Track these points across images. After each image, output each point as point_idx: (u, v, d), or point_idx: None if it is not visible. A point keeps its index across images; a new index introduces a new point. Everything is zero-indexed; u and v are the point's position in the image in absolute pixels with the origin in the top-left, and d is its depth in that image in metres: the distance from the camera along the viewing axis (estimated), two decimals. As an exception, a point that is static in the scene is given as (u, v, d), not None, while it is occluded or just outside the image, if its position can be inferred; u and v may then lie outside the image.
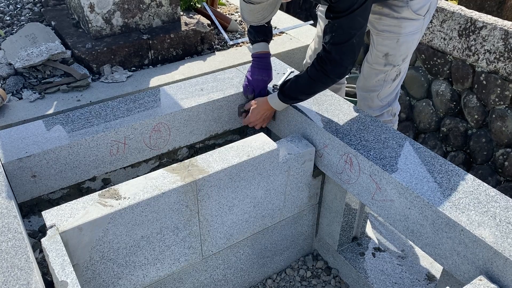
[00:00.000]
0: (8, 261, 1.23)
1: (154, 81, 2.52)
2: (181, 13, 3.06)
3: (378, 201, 1.62)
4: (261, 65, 1.99)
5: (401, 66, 2.01)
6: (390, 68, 2.00)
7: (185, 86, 2.12)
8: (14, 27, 3.00)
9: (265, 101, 1.93)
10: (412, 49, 1.97)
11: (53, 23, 2.94)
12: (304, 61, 2.41)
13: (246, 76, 2.03)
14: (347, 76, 2.11)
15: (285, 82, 1.82)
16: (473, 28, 2.74)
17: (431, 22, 2.97)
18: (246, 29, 2.10)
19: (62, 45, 2.55)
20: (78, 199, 1.47)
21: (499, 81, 2.68)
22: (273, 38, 3.06)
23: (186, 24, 2.87)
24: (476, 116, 2.87)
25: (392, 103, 2.17)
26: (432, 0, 1.87)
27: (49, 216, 1.40)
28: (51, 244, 1.31)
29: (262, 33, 1.98)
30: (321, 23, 2.20)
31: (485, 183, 1.50)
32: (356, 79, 2.12)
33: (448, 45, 2.91)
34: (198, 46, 2.86)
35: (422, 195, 1.45)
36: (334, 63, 1.63)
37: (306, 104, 1.94)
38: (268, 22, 2.00)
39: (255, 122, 1.99)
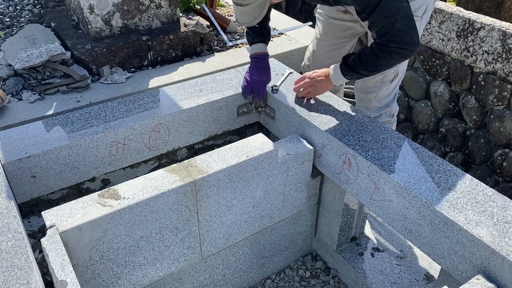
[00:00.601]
0: (8, 261, 1.23)
1: (154, 82, 2.52)
2: (180, 14, 3.07)
3: (376, 201, 1.63)
4: (259, 65, 2.00)
5: (398, 68, 2.02)
6: (387, 70, 2.00)
7: (184, 87, 2.12)
8: (14, 28, 3.01)
9: (326, 71, 1.85)
10: None
11: (52, 24, 2.95)
12: (303, 63, 2.42)
13: (244, 77, 2.03)
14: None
15: (350, 54, 1.78)
16: (471, 29, 2.75)
17: (429, 23, 2.97)
18: (245, 31, 2.11)
19: (61, 46, 2.56)
20: (77, 199, 1.47)
21: (497, 81, 2.69)
22: (272, 39, 3.07)
23: (185, 25, 2.88)
24: (474, 117, 2.88)
25: (390, 104, 2.17)
26: (429, 1, 1.87)
27: (49, 216, 1.41)
28: (51, 244, 1.31)
29: (260, 34, 1.98)
30: (319, 25, 2.20)
31: (482, 183, 1.51)
32: (354, 80, 2.12)
33: (446, 46, 2.92)
34: (197, 47, 2.87)
35: (420, 195, 1.45)
36: (396, 48, 1.60)
37: (305, 105, 1.95)
38: (266, 24, 2.00)
39: (313, 93, 1.92)
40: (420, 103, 3.24)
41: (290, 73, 2.24)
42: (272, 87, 2.08)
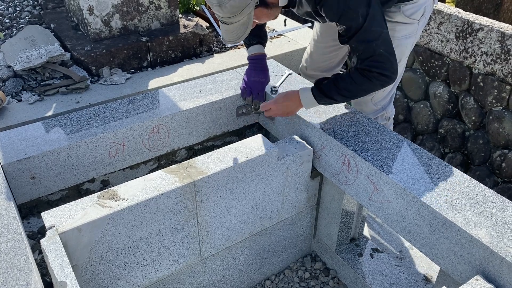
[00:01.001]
0: (8, 262, 1.23)
1: (153, 83, 2.53)
2: (180, 15, 3.07)
3: (375, 202, 1.63)
4: (257, 66, 2.00)
5: None
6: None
7: (183, 88, 2.12)
8: (13, 29, 3.01)
9: (295, 94, 1.81)
10: (406, 53, 1.96)
11: (52, 25, 2.95)
12: (301, 65, 2.42)
13: (243, 78, 2.03)
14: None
15: (323, 78, 1.76)
16: (470, 30, 2.75)
17: (428, 24, 2.98)
18: None
19: (61, 48, 2.56)
20: (77, 200, 1.47)
21: (496, 82, 2.69)
22: (271, 40, 3.07)
23: (184, 26, 2.88)
24: (473, 118, 2.88)
25: (386, 107, 2.17)
26: (427, 4, 1.87)
27: (48, 217, 1.41)
28: (50, 245, 1.31)
29: (257, 36, 1.98)
30: (317, 26, 2.20)
31: (481, 184, 1.51)
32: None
33: (445, 47, 2.93)
34: (196, 49, 2.87)
35: (419, 195, 1.46)
36: (377, 74, 1.60)
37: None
38: (263, 26, 2.00)
39: (276, 113, 1.88)
40: (419, 104, 3.24)
41: (290, 74, 2.24)
42: (271, 88, 2.09)
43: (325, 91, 1.71)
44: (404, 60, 2.00)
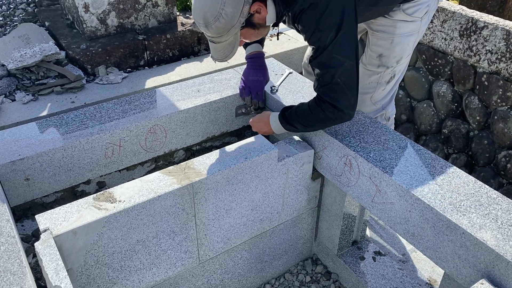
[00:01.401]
0: (1, 265, 1.23)
1: (150, 82, 2.52)
2: (178, 13, 3.07)
3: (378, 203, 1.63)
4: (255, 65, 2.00)
5: (395, 68, 2.01)
6: (383, 70, 1.99)
7: (181, 87, 2.12)
8: (7, 27, 3.01)
9: (267, 117, 1.86)
10: (407, 51, 1.96)
11: (47, 23, 2.94)
12: (303, 62, 2.42)
13: (241, 78, 2.03)
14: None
15: (289, 106, 1.78)
16: (474, 28, 2.75)
17: (431, 22, 2.98)
18: None
19: (56, 46, 2.56)
20: (72, 203, 1.47)
21: (501, 82, 2.69)
22: (270, 38, 3.07)
23: (182, 24, 2.88)
24: (478, 118, 2.88)
25: (386, 106, 2.16)
26: (431, 1, 1.86)
27: (43, 220, 1.40)
28: (45, 248, 1.31)
29: None
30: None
31: (486, 185, 1.51)
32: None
33: (449, 45, 2.93)
34: (194, 47, 2.87)
35: (422, 197, 1.45)
36: (329, 104, 1.60)
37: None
38: None
39: (257, 130, 1.94)
40: (422, 103, 3.24)
41: (290, 73, 2.24)
42: (271, 88, 2.08)
43: (287, 118, 1.75)
44: (406, 59, 2.00)
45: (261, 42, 2.01)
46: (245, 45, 2.02)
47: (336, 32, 1.51)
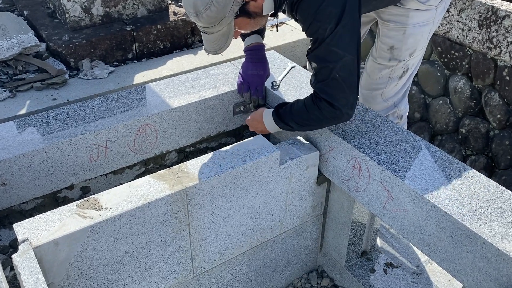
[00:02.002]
0: (-25, 280, 1.22)
1: (139, 78, 2.52)
2: (169, 1, 3.07)
3: (390, 211, 1.63)
4: (254, 58, 1.99)
5: (408, 62, 2.01)
6: (395, 64, 1.99)
7: (173, 83, 2.12)
8: (-19, 17, 3.00)
9: (260, 115, 1.87)
10: (421, 42, 1.96)
11: (25, 12, 2.94)
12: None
13: (239, 72, 2.03)
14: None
15: (284, 103, 1.80)
16: (494, 18, 2.75)
17: (448, 11, 2.98)
18: None
19: (35, 38, 2.55)
20: (53, 210, 1.46)
21: (524, 76, 2.69)
22: (271, 29, 3.07)
23: (174, 13, 2.88)
24: (498, 116, 2.88)
25: (399, 103, 2.16)
26: None
27: (21, 229, 1.40)
28: (24, 260, 1.30)
29: None
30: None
31: (509, 191, 1.51)
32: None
33: (467, 36, 2.92)
34: (188, 38, 2.87)
35: (439, 204, 1.45)
36: (326, 102, 1.60)
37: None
38: None
39: (251, 129, 1.96)
40: (438, 100, 3.24)
41: (293, 67, 2.24)
42: (272, 83, 2.08)
43: (282, 115, 1.76)
44: (419, 51, 2.00)
45: (261, 33, 2.01)
46: (244, 37, 2.01)
47: (335, 23, 1.50)
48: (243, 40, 2.03)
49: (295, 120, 1.72)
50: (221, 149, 1.75)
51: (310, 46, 1.61)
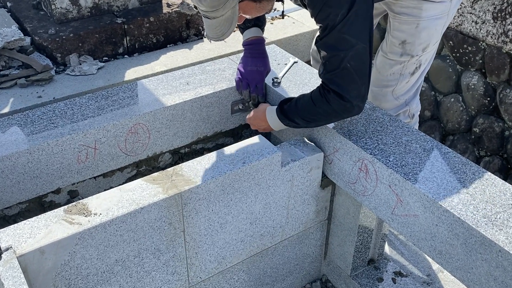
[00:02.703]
0: (-45, 291, 1.22)
1: (130, 74, 2.52)
2: (163, -8, 3.06)
3: (399, 216, 1.63)
4: (254, 53, 1.99)
5: (421, 57, 2.01)
6: (407, 59, 1.99)
7: (167, 80, 2.12)
8: (-38, 9, 2.99)
9: (262, 112, 1.88)
10: (435, 36, 1.96)
11: (8, 4, 2.94)
12: (311, 49, 2.42)
13: (238, 68, 2.03)
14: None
15: (289, 99, 1.80)
16: (510, 10, 2.75)
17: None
18: None
19: (19, 31, 2.55)
20: (39, 216, 1.46)
21: (542, 72, 2.70)
22: (272, 21, 3.07)
23: (168, 5, 2.87)
24: (514, 114, 2.88)
25: (410, 102, 2.17)
26: None
27: (5, 236, 1.39)
28: (7, 270, 1.30)
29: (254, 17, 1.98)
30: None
31: (526, 195, 1.51)
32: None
33: (480, 29, 2.93)
34: (183, 32, 2.86)
35: (451, 209, 1.45)
36: (335, 94, 1.60)
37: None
38: None
39: (256, 128, 1.96)
40: (449, 98, 3.24)
41: (295, 62, 2.24)
42: (273, 80, 2.08)
43: (287, 112, 1.76)
44: (433, 46, 2.00)
45: (261, 25, 2.01)
46: (242, 30, 2.01)
47: (348, 9, 1.50)
48: (242, 33, 2.02)
49: (301, 116, 1.72)
50: (219, 150, 1.74)
51: (319, 33, 1.61)
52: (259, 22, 2.01)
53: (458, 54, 3.11)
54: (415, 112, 2.22)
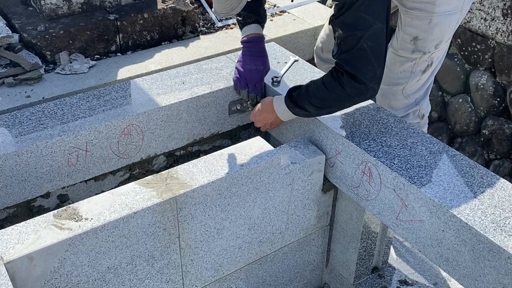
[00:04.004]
0: None
1: (123, 73, 2.52)
2: (157, -13, 3.07)
3: (404, 221, 1.63)
4: (253, 51, 2.00)
5: (433, 55, 2.02)
6: (419, 56, 2.00)
7: (162, 79, 2.12)
8: None
9: (269, 104, 1.90)
10: (448, 33, 1.97)
11: (-4, -1, 2.94)
12: (315, 46, 2.42)
13: (236, 67, 2.03)
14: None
15: (297, 86, 1.80)
16: (520, 6, 2.77)
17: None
18: None
19: (7, 28, 2.55)
20: (28, 221, 1.46)
21: (554, 71, 2.71)
22: (272, 18, 3.08)
23: (163, 1, 2.88)
24: (525, 116, 2.89)
25: (421, 101, 2.17)
26: None
27: (-9, 242, 1.40)
28: (-6, 277, 1.30)
29: (254, 12, 1.98)
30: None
31: (537, 199, 1.52)
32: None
33: (490, 27, 2.94)
34: (178, 29, 2.87)
35: (459, 214, 1.46)
36: (350, 75, 1.61)
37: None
38: (261, 2, 1.99)
39: (262, 126, 1.98)
40: (457, 98, 3.25)
41: (295, 60, 2.25)
42: (272, 79, 2.09)
43: (296, 100, 1.77)
44: (445, 43, 2.01)
45: (261, 22, 2.02)
46: (242, 25, 2.02)
47: None
48: (241, 28, 2.03)
49: (312, 103, 1.72)
50: (215, 152, 1.75)
51: (334, 12, 1.61)
52: (260, 19, 2.01)
53: (466, 53, 3.12)
54: (425, 112, 2.23)
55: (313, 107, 1.73)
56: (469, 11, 3.01)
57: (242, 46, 2.03)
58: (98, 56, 2.68)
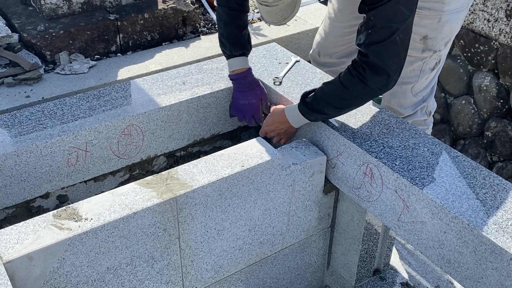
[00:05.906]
0: None
1: (124, 73, 2.53)
2: (158, -13, 3.08)
3: (406, 223, 1.63)
4: (242, 87, 1.99)
5: (441, 52, 2.03)
6: (429, 55, 2.01)
7: (162, 79, 2.13)
8: None
9: (281, 113, 1.86)
10: (456, 30, 1.99)
11: (-5, -1, 2.95)
12: (311, 50, 2.42)
13: (232, 97, 2.04)
14: None
15: (310, 91, 1.78)
16: (524, 7, 2.77)
17: (471, -1, 3.00)
18: (218, 37, 2.06)
19: (7, 27, 2.56)
20: (27, 221, 1.46)
21: (557, 73, 2.71)
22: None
23: (164, 1, 2.89)
24: (528, 117, 2.90)
25: (427, 98, 2.19)
26: None
27: (-9, 242, 1.40)
28: (-7, 277, 1.31)
29: (239, 44, 1.94)
30: (334, 1, 2.21)
31: (539, 201, 1.52)
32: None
33: (493, 28, 2.94)
34: (179, 29, 2.88)
35: (461, 215, 1.46)
36: (373, 68, 1.59)
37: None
38: (244, 29, 1.96)
39: (276, 139, 1.96)
40: (460, 100, 3.26)
41: (297, 61, 2.25)
42: (274, 79, 2.09)
43: (312, 104, 1.74)
44: (452, 40, 2.02)
45: (247, 53, 1.98)
46: (228, 56, 1.99)
47: None
48: (227, 58, 2.00)
49: (331, 105, 1.70)
50: (216, 153, 1.75)
51: (367, 2, 1.58)
52: (246, 50, 1.99)
53: (469, 54, 3.12)
54: (432, 109, 2.24)
55: (333, 108, 1.72)
56: (472, 12, 3.02)
57: (231, 81, 2.02)
58: (98, 56, 2.69)
